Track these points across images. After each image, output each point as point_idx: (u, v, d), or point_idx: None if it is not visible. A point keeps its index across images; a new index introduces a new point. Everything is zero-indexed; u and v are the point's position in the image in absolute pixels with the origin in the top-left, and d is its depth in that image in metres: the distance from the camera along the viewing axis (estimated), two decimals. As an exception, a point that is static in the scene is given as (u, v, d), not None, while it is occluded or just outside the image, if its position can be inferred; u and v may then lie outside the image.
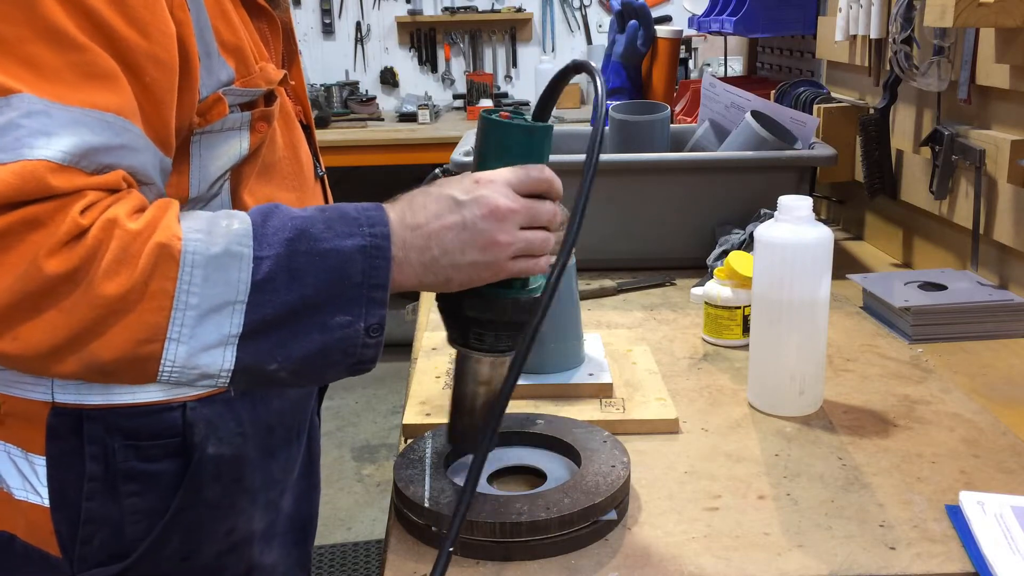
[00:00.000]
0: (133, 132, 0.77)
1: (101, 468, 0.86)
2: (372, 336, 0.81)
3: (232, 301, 0.77)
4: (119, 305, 0.74)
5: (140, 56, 0.77)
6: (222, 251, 0.76)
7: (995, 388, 1.24)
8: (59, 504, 0.87)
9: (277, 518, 1.00)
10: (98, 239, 0.73)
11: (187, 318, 0.76)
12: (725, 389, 1.25)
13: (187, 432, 0.88)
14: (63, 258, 0.72)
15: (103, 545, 0.88)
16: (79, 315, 0.73)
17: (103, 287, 0.73)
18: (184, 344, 0.76)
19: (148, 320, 0.75)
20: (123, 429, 0.86)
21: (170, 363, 0.77)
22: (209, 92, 0.84)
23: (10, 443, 0.88)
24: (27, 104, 0.71)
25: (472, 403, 0.91)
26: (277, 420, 0.97)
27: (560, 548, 0.88)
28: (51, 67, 0.73)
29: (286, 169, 0.97)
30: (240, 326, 0.78)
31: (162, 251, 0.74)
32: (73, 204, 0.72)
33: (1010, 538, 0.86)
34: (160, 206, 0.78)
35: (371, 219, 0.81)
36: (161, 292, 0.75)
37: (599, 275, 1.70)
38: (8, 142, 0.71)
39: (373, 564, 2.88)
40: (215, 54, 0.85)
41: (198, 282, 0.76)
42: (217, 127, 0.86)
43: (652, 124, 1.86)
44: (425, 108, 4.56)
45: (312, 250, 0.79)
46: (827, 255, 1.11)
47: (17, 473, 0.88)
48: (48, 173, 0.71)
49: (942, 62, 1.54)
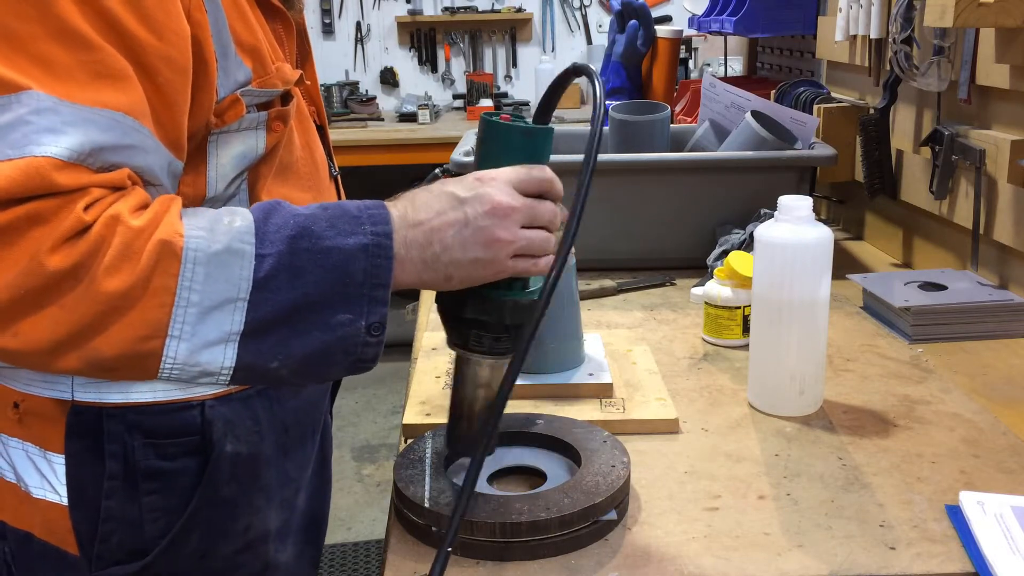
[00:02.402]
0: (142, 133, 0.77)
1: (121, 466, 0.87)
2: (373, 335, 0.81)
3: (234, 299, 0.77)
4: (121, 302, 0.74)
5: (153, 57, 0.77)
6: (224, 248, 0.76)
7: (995, 388, 1.24)
8: (77, 502, 0.87)
9: (292, 516, 1.00)
10: (101, 235, 0.73)
11: (188, 315, 0.76)
12: (725, 389, 1.25)
13: (206, 430, 0.88)
14: (65, 254, 0.72)
15: (121, 543, 0.88)
16: (81, 311, 0.73)
17: (105, 283, 0.73)
18: (185, 341, 0.77)
19: (150, 317, 0.75)
20: (143, 427, 0.86)
21: (171, 360, 0.77)
22: (227, 93, 0.84)
23: (28, 441, 0.88)
24: (36, 101, 0.71)
25: (471, 407, 0.90)
26: (293, 419, 0.97)
27: (560, 548, 0.88)
28: (62, 65, 0.73)
29: (303, 169, 0.97)
30: (241, 324, 0.78)
31: (164, 248, 0.74)
32: (77, 201, 0.72)
33: (1010, 538, 0.86)
34: (163, 203, 0.78)
35: (373, 217, 0.81)
36: (163, 289, 0.75)
37: (599, 275, 1.70)
38: (16, 138, 0.71)
39: (373, 564, 2.88)
40: (232, 55, 0.85)
41: (200, 279, 0.76)
42: (234, 127, 0.86)
43: (652, 124, 1.86)
44: (425, 108, 4.56)
45: (314, 248, 0.79)
46: (827, 255, 1.11)
47: (35, 471, 0.88)
48: (53, 170, 0.71)
49: (942, 62, 1.54)
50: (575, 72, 0.84)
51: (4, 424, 0.89)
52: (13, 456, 0.89)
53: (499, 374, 0.89)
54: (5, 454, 0.90)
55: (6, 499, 0.91)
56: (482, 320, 0.86)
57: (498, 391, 0.80)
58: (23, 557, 0.91)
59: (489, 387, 0.90)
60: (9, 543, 0.91)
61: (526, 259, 0.84)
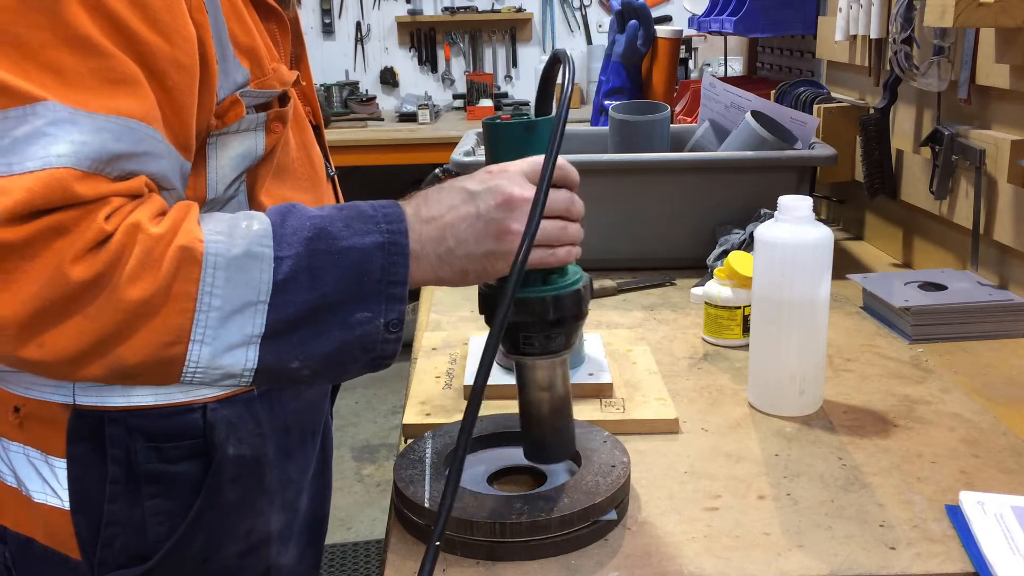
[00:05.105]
0: (156, 138, 0.77)
1: (123, 470, 0.86)
2: (392, 332, 0.82)
3: (254, 302, 0.78)
4: (143, 309, 0.74)
5: (163, 61, 0.77)
6: (243, 252, 0.77)
7: (995, 388, 1.24)
8: (79, 507, 0.87)
9: (294, 518, 1.00)
10: (122, 244, 0.73)
11: (210, 319, 0.76)
12: (725, 389, 1.25)
13: (208, 433, 0.88)
14: (87, 264, 0.72)
15: (124, 547, 0.88)
16: (104, 320, 0.74)
17: (127, 292, 0.73)
18: (208, 345, 0.77)
19: (172, 323, 0.75)
20: (145, 431, 0.86)
21: (194, 364, 0.78)
22: (226, 94, 0.84)
23: (30, 446, 0.88)
24: (52, 112, 0.71)
25: (539, 411, 0.89)
26: (294, 420, 0.97)
27: (560, 548, 0.88)
28: (74, 73, 0.73)
29: (300, 170, 0.97)
30: (263, 326, 0.78)
31: (184, 254, 0.75)
32: (98, 211, 0.73)
33: (1010, 538, 0.86)
34: (181, 208, 0.78)
35: (388, 216, 0.82)
36: (184, 295, 0.75)
37: (599, 275, 1.69)
38: (35, 151, 0.71)
39: (373, 564, 2.88)
40: (231, 56, 0.85)
41: (220, 284, 0.76)
42: (233, 128, 0.86)
43: (652, 124, 1.86)
44: (425, 108, 4.56)
45: (331, 248, 0.79)
46: (827, 255, 1.11)
47: (36, 476, 0.88)
48: (73, 181, 0.71)
49: (942, 62, 1.54)
50: (556, 60, 0.84)
51: (5, 428, 0.89)
52: (14, 460, 0.89)
53: (560, 374, 0.88)
54: (6, 458, 0.90)
55: (7, 504, 0.91)
56: (526, 322, 0.84)
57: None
58: (24, 562, 0.91)
59: (552, 390, 0.88)
60: (10, 548, 0.91)
61: (542, 249, 0.83)
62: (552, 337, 0.86)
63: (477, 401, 0.76)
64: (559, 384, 0.89)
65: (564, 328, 0.86)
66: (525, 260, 0.77)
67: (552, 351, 0.86)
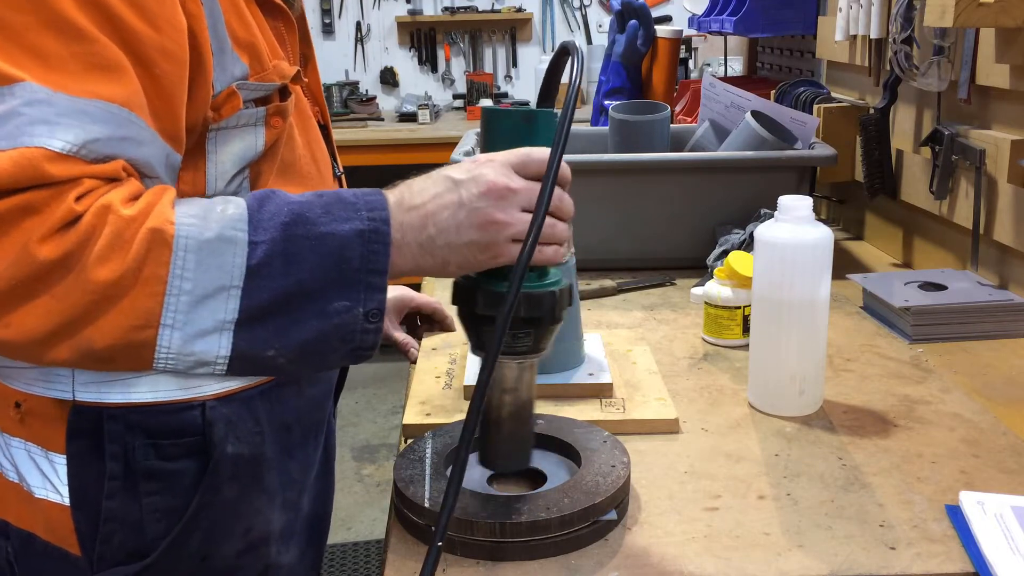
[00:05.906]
0: (138, 124, 0.77)
1: (121, 467, 0.86)
2: (371, 321, 0.80)
3: (227, 286, 0.77)
4: (112, 291, 0.74)
5: (150, 48, 0.77)
6: (216, 236, 0.76)
7: (995, 388, 1.24)
8: (79, 502, 0.87)
9: (296, 518, 1.00)
10: (91, 225, 0.73)
11: (181, 303, 0.76)
12: (725, 389, 1.25)
13: (207, 431, 0.87)
14: (55, 244, 0.72)
15: (123, 544, 0.88)
16: (72, 301, 0.73)
17: (95, 272, 0.73)
18: (179, 330, 0.76)
19: (141, 305, 0.75)
20: (143, 427, 0.86)
21: (165, 349, 0.77)
22: (223, 87, 0.84)
23: (31, 441, 0.88)
24: (29, 93, 0.72)
25: (498, 414, 0.87)
26: (295, 419, 0.97)
27: (560, 548, 0.88)
28: (56, 56, 0.73)
29: (305, 168, 0.97)
30: (236, 312, 0.77)
31: (155, 236, 0.74)
32: (69, 191, 0.73)
33: (1010, 538, 0.86)
34: (155, 192, 0.77)
35: (370, 203, 0.81)
36: (154, 277, 0.74)
37: (599, 275, 1.70)
38: (8, 130, 0.71)
39: (373, 564, 2.88)
40: (228, 50, 0.84)
41: (191, 267, 0.75)
42: (232, 123, 0.86)
43: (652, 124, 1.86)
44: (425, 108, 4.56)
45: (309, 234, 0.78)
46: (827, 255, 1.11)
47: (37, 471, 0.88)
48: (45, 161, 0.71)
49: (942, 62, 1.54)
50: (564, 52, 0.83)
51: (6, 424, 0.89)
52: (15, 456, 0.89)
53: (526, 377, 0.86)
54: (7, 454, 0.90)
55: (9, 499, 0.91)
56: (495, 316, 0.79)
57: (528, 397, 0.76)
58: (26, 557, 0.91)
59: (516, 392, 0.85)
60: (12, 543, 0.91)
61: None
62: (519, 336, 0.82)
63: (480, 401, 0.75)
64: (523, 389, 0.86)
65: (533, 329, 0.83)
66: (531, 254, 0.76)
67: (518, 352, 0.83)
